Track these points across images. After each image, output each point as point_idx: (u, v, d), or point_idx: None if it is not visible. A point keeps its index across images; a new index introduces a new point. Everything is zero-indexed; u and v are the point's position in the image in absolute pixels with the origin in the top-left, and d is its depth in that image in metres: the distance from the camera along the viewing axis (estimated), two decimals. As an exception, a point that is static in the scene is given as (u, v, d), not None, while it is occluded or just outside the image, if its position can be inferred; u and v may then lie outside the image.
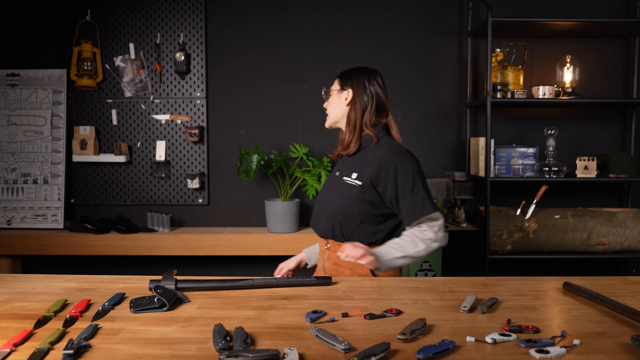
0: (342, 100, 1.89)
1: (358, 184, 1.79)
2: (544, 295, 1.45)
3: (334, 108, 1.92)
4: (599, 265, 3.41)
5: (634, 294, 1.45)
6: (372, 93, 1.87)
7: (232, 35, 3.31)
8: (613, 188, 3.39)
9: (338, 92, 1.91)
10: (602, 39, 3.31)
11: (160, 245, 3.04)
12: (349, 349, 1.04)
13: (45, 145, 3.28)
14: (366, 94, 1.86)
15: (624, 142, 3.35)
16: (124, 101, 3.31)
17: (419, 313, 1.28)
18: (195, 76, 3.30)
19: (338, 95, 1.90)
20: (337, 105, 1.91)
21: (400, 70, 3.31)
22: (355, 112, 1.87)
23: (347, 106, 1.88)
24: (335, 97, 1.91)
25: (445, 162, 3.36)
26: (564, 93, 3.12)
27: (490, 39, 2.92)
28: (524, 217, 3.02)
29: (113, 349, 1.07)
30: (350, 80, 1.89)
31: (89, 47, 3.22)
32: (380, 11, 3.30)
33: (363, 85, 1.87)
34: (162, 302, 1.31)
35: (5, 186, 3.28)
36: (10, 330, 1.17)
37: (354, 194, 1.79)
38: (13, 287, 1.52)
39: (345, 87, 1.89)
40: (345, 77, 1.91)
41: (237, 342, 1.06)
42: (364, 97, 1.86)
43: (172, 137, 3.32)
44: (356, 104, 1.86)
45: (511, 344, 1.09)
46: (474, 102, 3.26)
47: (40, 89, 3.29)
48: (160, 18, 3.28)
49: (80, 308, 1.29)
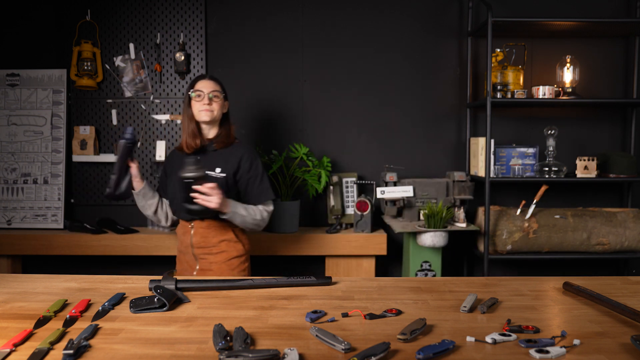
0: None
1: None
2: (544, 295, 1.45)
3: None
4: (599, 265, 3.41)
5: (634, 294, 1.45)
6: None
7: (232, 35, 3.31)
8: (613, 188, 3.39)
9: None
10: (602, 39, 3.31)
11: (160, 245, 3.04)
12: (349, 349, 1.04)
13: (45, 145, 3.28)
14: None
15: (624, 142, 3.35)
16: (124, 101, 3.31)
17: (419, 313, 1.28)
18: (195, 76, 3.29)
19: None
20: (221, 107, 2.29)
21: (400, 70, 3.31)
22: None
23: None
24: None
25: (445, 162, 3.36)
26: (564, 93, 3.13)
27: (490, 39, 2.92)
28: (524, 217, 3.02)
29: (113, 349, 1.07)
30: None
31: (89, 47, 3.22)
32: (380, 11, 3.30)
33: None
34: (162, 302, 1.31)
35: (5, 186, 3.28)
36: (10, 330, 1.17)
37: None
38: (13, 287, 1.52)
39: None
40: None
41: (237, 342, 1.06)
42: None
43: (172, 137, 3.32)
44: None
45: (511, 344, 1.09)
46: (474, 102, 3.26)
47: (40, 89, 3.29)
48: (160, 18, 3.28)
49: (80, 308, 1.29)
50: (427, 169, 3.34)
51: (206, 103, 2.18)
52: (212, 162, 2.21)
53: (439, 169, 3.33)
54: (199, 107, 2.20)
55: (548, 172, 3.04)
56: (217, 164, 2.22)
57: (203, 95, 2.19)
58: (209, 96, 2.19)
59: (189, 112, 2.24)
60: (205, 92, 2.20)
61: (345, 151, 3.32)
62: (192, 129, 2.23)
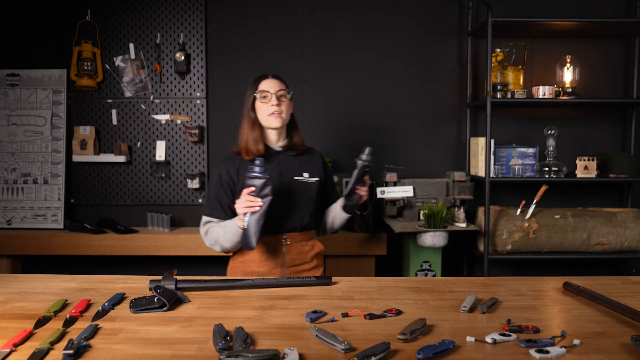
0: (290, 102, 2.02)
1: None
2: (544, 295, 1.45)
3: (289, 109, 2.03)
4: (599, 265, 3.41)
5: (634, 294, 1.45)
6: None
7: (232, 35, 3.31)
8: (613, 188, 3.39)
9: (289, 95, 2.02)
10: (602, 39, 3.31)
11: (160, 245, 3.04)
12: (349, 349, 1.04)
13: (45, 145, 3.28)
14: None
15: (624, 142, 3.35)
16: (124, 101, 3.31)
17: (419, 313, 1.28)
18: (195, 76, 3.30)
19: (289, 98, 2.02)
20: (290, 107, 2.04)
21: (401, 70, 3.31)
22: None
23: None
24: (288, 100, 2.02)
25: (445, 162, 3.36)
26: (564, 93, 3.12)
27: (490, 39, 2.92)
28: (524, 217, 3.02)
29: (113, 349, 1.07)
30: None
31: (89, 47, 3.22)
32: (380, 11, 3.30)
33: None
34: (162, 302, 1.31)
35: (5, 186, 3.28)
36: (10, 330, 1.17)
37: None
38: (13, 287, 1.52)
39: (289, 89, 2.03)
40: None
41: (237, 342, 1.06)
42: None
43: (172, 137, 3.32)
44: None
45: (511, 344, 1.09)
46: (474, 102, 3.26)
47: (40, 89, 3.29)
48: (160, 18, 3.28)
49: (80, 308, 1.29)
50: (427, 169, 3.34)
51: (274, 104, 1.92)
52: (294, 168, 1.97)
53: (439, 169, 3.33)
54: (266, 109, 1.93)
55: (548, 172, 3.04)
56: (302, 169, 1.98)
57: (270, 96, 1.93)
58: (277, 96, 1.94)
59: (252, 116, 1.97)
60: (271, 92, 1.94)
61: (346, 151, 3.32)
62: (256, 135, 1.95)
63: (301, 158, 2.01)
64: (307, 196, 1.95)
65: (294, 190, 1.94)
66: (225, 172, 1.94)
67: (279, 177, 1.93)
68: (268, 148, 1.98)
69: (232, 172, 1.93)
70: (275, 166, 1.94)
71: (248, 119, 1.98)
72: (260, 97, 1.95)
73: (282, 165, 1.96)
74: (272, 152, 1.98)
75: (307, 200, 1.95)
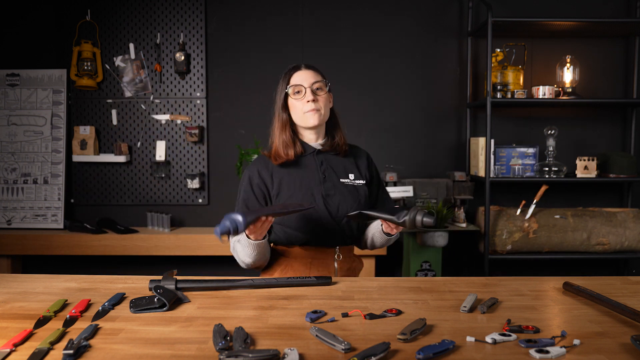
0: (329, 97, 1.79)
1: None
2: (544, 295, 1.45)
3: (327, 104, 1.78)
4: (599, 265, 3.41)
5: (634, 294, 1.45)
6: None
7: (232, 35, 3.31)
8: (613, 188, 3.39)
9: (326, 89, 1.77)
10: (602, 39, 3.31)
11: (160, 245, 3.04)
12: (349, 349, 1.04)
13: (45, 145, 3.28)
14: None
15: (624, 142, 3.35)
16: (124, 101, 3.31)
17: (419, 313, 1.28)
18: (195, 76, 3.30)
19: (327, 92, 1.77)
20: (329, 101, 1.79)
21: (400, 70, 3.31)
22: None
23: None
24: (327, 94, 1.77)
25: (445, 162, 3.36)
26: (564, 93, 3.12)
27: (490, 39, 2.92)
28: (524, 217, 3.02)
29: (113, 349, 1.07)
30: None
31: (89, 47, 3.22)
32: (380, 11, 3.30)
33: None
34: (162, 302, 1.31)
35: (5, 186, 3.28)
36: (10, 330, 1.17)
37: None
38: (13, 287, 1.52)
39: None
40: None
41: (237, 342, 1.06)
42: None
43: (172, 137, 3.32)
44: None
45: (511, 344, 1.09)
46: (474, 102, 3.26)
47: (40, 89, 3.29)
48: (160, 18, 3.28)
49: (80, 308, 1.29)
50: (427, 169, 3.34)
51: (310, 99, 1.68)
52: (339, 169, 1.77)
53: (439, 169, 3.33)
54: (300, 106, 1.70)
55: (548, 172, 3.04)
56: (347, 170, 1.78)
57: (304, 90, 1.70)
58: (312, 89, 1.70)
59: (284, 116, 1.73)
60: (305, 85, 1.70)
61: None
62: (287, 138, 1.72)
63: (345, 158, 1.80)
64: (355, 201, 1.73)
65: (341, 195, 1.72)
66: (256, 175, 1.73)
67: (323, 181, 1.72)
68: (305, 146, 1.76)
69: (264, 175, 1.72)
70: (316, 167, 1.73)
71: (279, 120, 1.74)
72: (293, 92, 1.70)
73: (324, 166, 1.74)
74: (310, 152, 1.76)
75: (356, 207, 1.72)
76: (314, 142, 1.77)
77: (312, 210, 1.66)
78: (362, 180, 1.78)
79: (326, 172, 1.74)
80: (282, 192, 1.71)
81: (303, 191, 1.70)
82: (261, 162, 1.75)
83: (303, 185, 1.71)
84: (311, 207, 1.59)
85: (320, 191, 1.70)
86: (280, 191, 1.70)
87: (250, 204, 1.71)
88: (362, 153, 1.87)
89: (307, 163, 1.75)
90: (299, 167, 1.74)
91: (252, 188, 1.72)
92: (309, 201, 1.68)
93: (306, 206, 1.56)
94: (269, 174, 1.72)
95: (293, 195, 1.70)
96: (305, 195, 1.69)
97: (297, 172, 1.73)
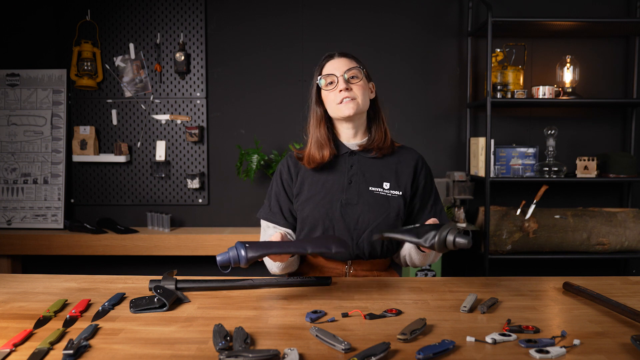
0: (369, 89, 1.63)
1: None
2: (544, 295, 1.45)
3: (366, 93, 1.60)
4: (599, 265, 3.41)
5: (634, 294, 1.45)
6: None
7: (232, 35, 3.31)
8: (613, 188, 3.39)
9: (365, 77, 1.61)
10: (602, 39, 3.31)
11: (160, 245, 3.04)
12: (349, 349, 1.04)
13: (45, 145, 3.28)
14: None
15: (624, 142, 3.35)
16: (124, 101, 3.31)
17: (419, 313, 1.28)
18: (195, 76, 3.30)
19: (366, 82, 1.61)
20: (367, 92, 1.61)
21: (400, 70, 3.31)
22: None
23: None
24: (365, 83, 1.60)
25: (445, 162, 3.36)
26: (564, 93, 3.12)
27: (490, 39, 2.92)
28: (524, 217, 3.02)
29: (113, 349, 1.07)
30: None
31: (89, 47, 3.22)
32: (380, 11, 3.30)
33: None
34: (162, 302, 1.31)
35: (5, 186, 3.28)
36: (10, 330, 1.17)
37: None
38: (13, 287, 1.52)
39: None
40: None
41: (237, 342, 1.06)
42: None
43: (172, 137, 3.32)
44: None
45: (511, 344, 1.09)
46: (474, 102, 3.26)
47: (40, 89, 3.29)
48: (160, 18, 3.28)
49: (80, 308, 1.29)
50: (427, 169, 3.33)
51: (343, 88, 1.53)
52: (372, 175, 1.59)
53: (439, 169, 3.33)
54: (333, 97, 1.55)
55: (548, 172, 3.04)
56: (383, 176, 1.60)
57: (337, 80, 1.55)
58: (345, 77, 1.54)
59: (318, 111, 1.60)
60: (338, 74, 1.55)
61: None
62: (322, 135, 1.58)
63: (385, 161, 1.60)
64: (382, 214, 1.55)
65: (365, 205, 1.56)
66: (286, 170, 1.63)
67: (347, 187, 1.57)
68: (339, 147, 1.61)
69: (292, 172, 1.63)
70: (344, 171, 1.58)
71: (314, 115, 1.60)
72: (326, 83, 1.56)
73: (353, 169, 1.58)
74: (343, 153, 1.61)
75: (383, 220, 1.55)
76: (352, 139, 1.62)
77: (327, 219, 1.52)
78: (399, 192, 1.58)
79: (353, 178, 1.58)
80: (302, 194, 1.61)
81: (322, 196, 1.58)
82: (291, 159, 1.67)
83: (324, 190, 1.58)
84: (338, 252, 1.37)
85: (340, 198, 1.56)
86: (300, 191, 1.61)
87: (282, 200, 1.63)
88: (411, 158, 1.64)
89: (337, 165, 1.61)
90: (327, 168, 1.61)
91: (282, 183, 1.65)
92: (326, 210, 1.52)
93: (333, 250, 1.35)
94: (296, 171, 1.63)
95: (311, 198, 1.58)
96: (322, 201, 1.57)
97: (323, 174, 1.60)
